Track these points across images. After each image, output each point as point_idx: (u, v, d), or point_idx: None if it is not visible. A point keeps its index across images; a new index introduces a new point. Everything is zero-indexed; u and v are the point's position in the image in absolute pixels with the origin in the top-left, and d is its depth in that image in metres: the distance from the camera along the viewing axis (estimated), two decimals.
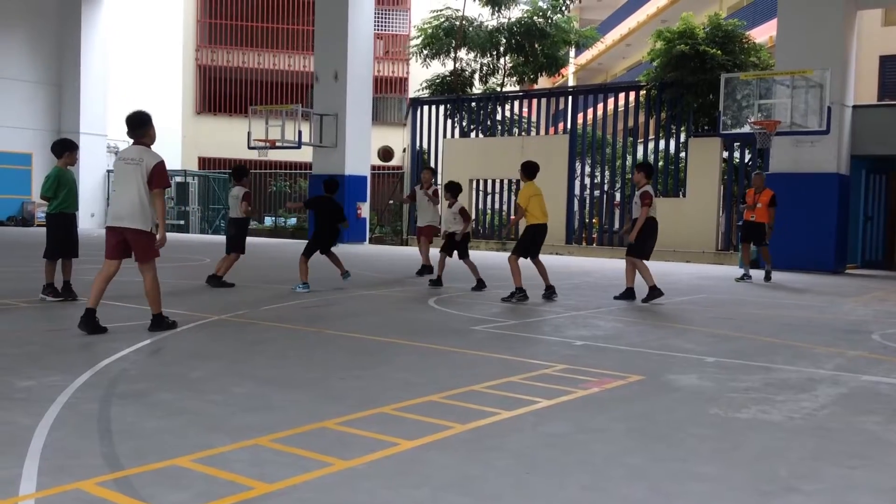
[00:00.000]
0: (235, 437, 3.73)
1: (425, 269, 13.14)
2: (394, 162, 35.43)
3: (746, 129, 15.03)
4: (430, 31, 28.09)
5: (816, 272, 16.58)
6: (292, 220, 30.51)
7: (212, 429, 3.88)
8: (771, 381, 5.32)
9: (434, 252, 12.53)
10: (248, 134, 24.21)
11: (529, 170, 10.11)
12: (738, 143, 20.21)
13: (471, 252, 11.94)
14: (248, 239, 11.43)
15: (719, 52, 20.02)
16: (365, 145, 25.53)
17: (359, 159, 25.20)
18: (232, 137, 34.71)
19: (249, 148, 24.57)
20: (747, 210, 13.71)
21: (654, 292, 9.83)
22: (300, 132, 23.50)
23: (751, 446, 3.83)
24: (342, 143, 24.71)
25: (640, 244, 10.00)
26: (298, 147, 24.01)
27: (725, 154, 20.62)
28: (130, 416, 4.09)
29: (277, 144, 23.86)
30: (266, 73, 40.37)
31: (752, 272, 14.06)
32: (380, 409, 4.28)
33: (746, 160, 20.65)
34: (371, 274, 13.67)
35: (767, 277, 13.71)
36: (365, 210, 25.71)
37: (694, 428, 4.13)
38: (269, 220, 31.60)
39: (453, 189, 11.68)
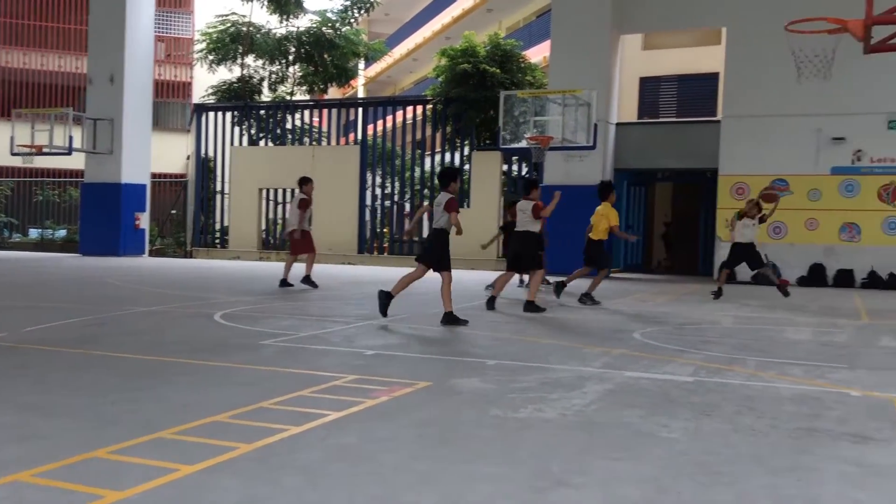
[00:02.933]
0: None
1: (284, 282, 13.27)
2: (176, 170, 33.89)
3: (523, 143, 15.91)
4: (215, 35, 27.20)
5: (586, 276, 17.83)
6: (61, 233, 28.28)
7: None
8: (546, 381, 5.66)
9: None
10: (11, 139, 22.18)
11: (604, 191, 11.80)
12: (516, 157, 21.34)
13: (263, 264, 11.68)
14: (13, 254, 10.44)
15: (498, 70, 21.09)
16: (144, 152, 24.24)
17: (137, 167, 23.88)
18: None
19: (12, 154, 22.56)
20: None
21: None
22: (71, 138, 21.90)
23: (527, 444, 4.05)
24: (118, 150, 23.31)
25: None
26: (69, 153, 22.36)
27: (505, 167, 21.71)
28: None
29: (44, 150, 22.06)
30: (33, 73, 37.10)
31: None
32: (157, 434, 4.07)
33: (524, 173, 21.85)
34: (151, 289, 12.93)
35: (547, 282, 14.56)
36: (144, 220, 24.37)
37: (477, 430, 4.30)
38: (34, 233, 29.04)
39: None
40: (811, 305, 12.44)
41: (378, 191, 24.25)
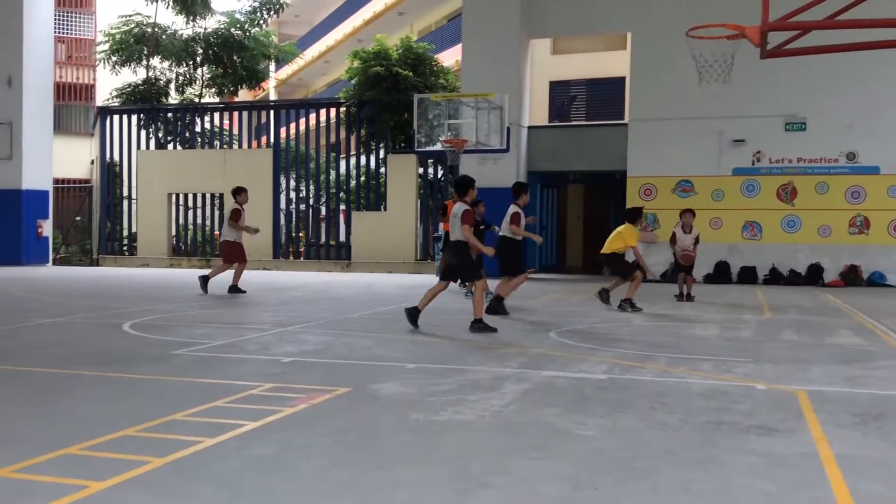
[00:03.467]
0: None
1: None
2: (80, 175, 32.65)
3: (438, 146, 15.99)
4: (118, 36, 26.36)
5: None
6: None
7: None
8: (465, 383, 5.70)
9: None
10: None
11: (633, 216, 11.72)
12: (431, 160, 21.42)
13: (174, 270, 11.35)
14: None
15: (411, 73, 21.13)
16: (45, 157, 23.29)
17: (39, 172, 22.93)
18: None
19: None
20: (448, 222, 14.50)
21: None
22: None
23: (448, 447, 4.07)
24: (18, 155, 22.33)
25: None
26: None
27: (421, 170, 21.76)
28: None
29: None
30: None
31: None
32: (65, 451, 3.91)
33: (440, 175, 21.95)
34: (56, 299, 12.42)
35: (464, 284, 14.64)
36: (47, 228, 23.40)
37: (396, 435, 4.29)
38: None
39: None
40: (717, 302, 12.91)
41: (293, 195, 23.94)
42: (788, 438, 4.29)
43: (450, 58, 26.73)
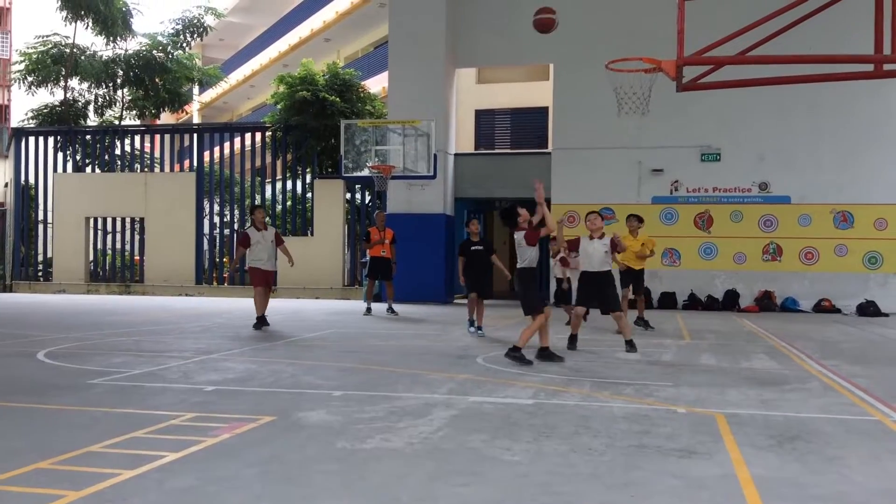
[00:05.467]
0: None
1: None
2: None
3: (366, 172, 15.99)
4: (35, 56, 25.53)
5: (430, 303, 18.13)
6: None
7: None
8: (393, 410, 5.68)
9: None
10: None
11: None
12: (359, 185, 21.39)
13: (92, 297, 10.97)
14: None
15: (338, 99, 21.12)
16: None
17: None
18: None
19: None
20: (376, 245, 14.47)
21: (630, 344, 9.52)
22: None
23: (375, 476, 4.04)
24: None
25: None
26: None
27: (349, 195, 21.70)
28: None
29: None
30: None
31: (374, 305, 14.94)
32: None
33: (367, 201, 21.92)
34: None
35: (391, 310, 14.63)
36: None
37: (322, 464, 4.25)
38: None
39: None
40: (638, 327, 13.19)
41: (217, 219, 23.52)
42: (707, 460, 4.41)
43: (376, 84, 26.83)
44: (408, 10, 19.40)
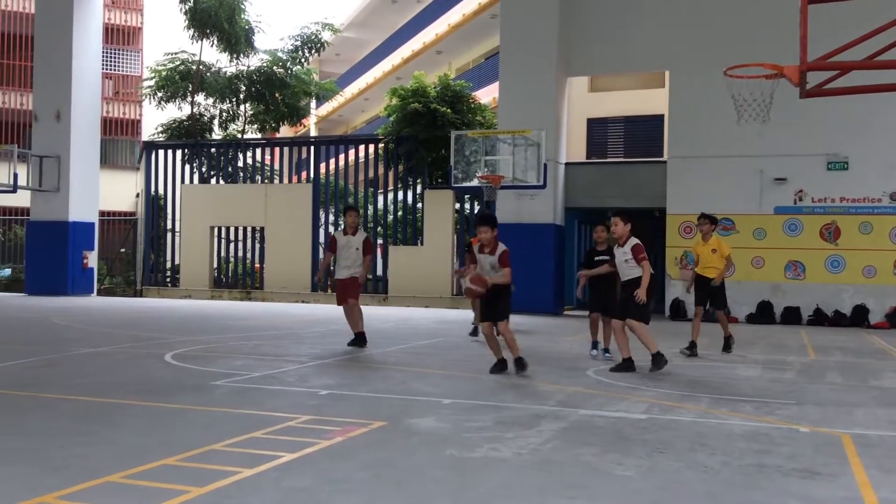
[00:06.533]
0: None
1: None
2: (125, 208, 33.39)
3: (475, 182, 16.05)
4: (164, 73, 27.06)
5: (539, 314, 18.00)
6: (6, 272, 27.53)
7: None
8: (502, 419, 5.67)
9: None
10: None
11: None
12: (468, 196, 21.51)
13: (216, 302, 11.46)
14: None
15: (449, 110, 21.34)
16: (92, 190, 23.87)
17: (85, 204, 23.49)
18: None
19: None
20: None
21: (658, 358, 8.28)
22: (16, 175, 21.48)
23: (483, 485, 4.05)
24: (66, 188, 22.92)
25: (645, 306, 8.36)
26: (14, 191, 21.95)
27: (458, 205, 21.86)
28: None
29: None
30: None
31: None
32: (106, 479, 3.97)
33: (476, 211, 22.01)
34: (100, 329, 12.64)
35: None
36: (92, 259, 23.89)
37: (432, 470, 4.29)
38: None
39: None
40: (760, 342, 12.70)
41: (331, 228, 24.19)
42: (832, 482, 4.19)
43: (487, 95, 26.96)
44: (520, 19, 19.41)
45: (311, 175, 24.51)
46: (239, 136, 27.60)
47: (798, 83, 9.46)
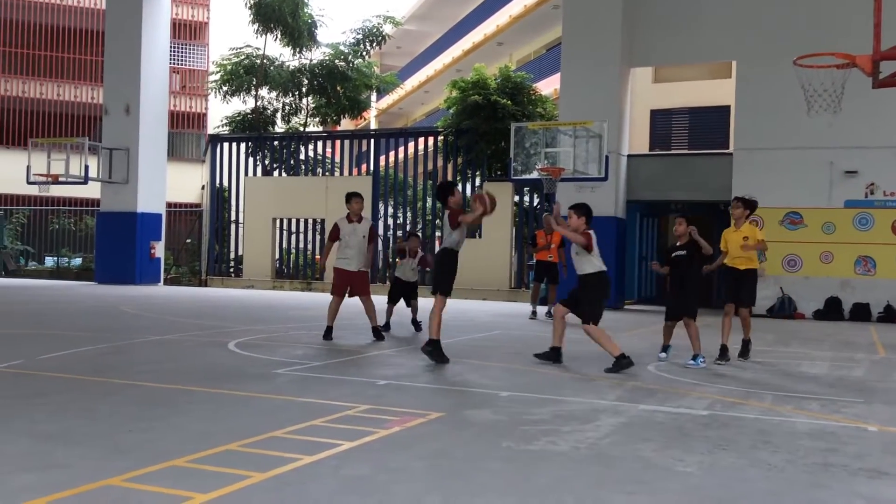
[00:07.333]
0: (8, 501, 3.41)
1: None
2: (191, 199, 34.19)
3: (535, 174, 15.94)
4: (229, 67, 27.59)
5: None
6: (77, 261, 28.47)
7: None
8: (560, 413, 5.64)
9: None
10: (28, 168, 22.46)
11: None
12: (527, 188, 21.40)
13: (277, 293, 11.65)
14: (29, 281, 10.52)
15: (509, 102, 21.22)
16: (160, 182, 24.46)
17: (153, 196, 24.08)
18: (8, 171, 32.01)
19: (29, 183, 22.82)
20: (542, 250, 14.47)
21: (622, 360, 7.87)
22: (87, 167, 22.14)
23: (540, 478, 4.03)
24: (134, 180, 23.53)
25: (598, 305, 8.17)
26: (85, 183, 22.62)
27: (517, 198, 21.77)
28: None
29: (60, 179, 22.30)
30: (49, 103, 37.71)
31: (539, 308, 14.87)
32: (172, 462, 4.08)
33: (535, 204, 21.89)
34: (166, 317, 12.98)
35: (549, 314, 14.47)
36: (159, 249, 24.52)
37: (488, 462, 4.29)
38: (50, 261, 29.24)
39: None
40: (827, 339, 12.35)
41: (390, 221, 24.35)
42: None
43: (548, 87, 26.73)
44: (582, 10, 19.17)
45: (371, 168, 24.69)
46: (301, 129, 27.98)
47: (870, 73, 9.14)
